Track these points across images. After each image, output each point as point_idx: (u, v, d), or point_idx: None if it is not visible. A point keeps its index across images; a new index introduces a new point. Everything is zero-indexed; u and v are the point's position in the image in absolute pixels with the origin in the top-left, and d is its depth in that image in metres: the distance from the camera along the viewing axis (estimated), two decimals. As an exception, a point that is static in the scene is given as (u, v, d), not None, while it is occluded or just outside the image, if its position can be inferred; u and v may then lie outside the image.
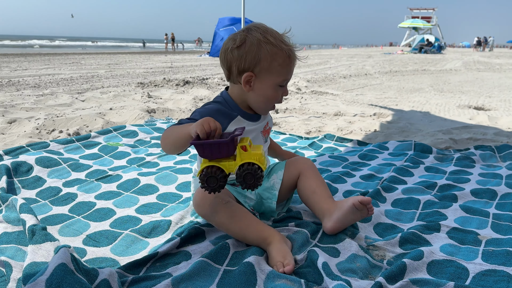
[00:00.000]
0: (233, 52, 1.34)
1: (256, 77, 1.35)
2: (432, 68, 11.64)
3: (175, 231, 1.43)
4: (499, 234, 1.43)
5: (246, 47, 1.32)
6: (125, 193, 1.77)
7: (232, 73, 1.37)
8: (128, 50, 26.94)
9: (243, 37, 1.33)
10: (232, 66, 1.36)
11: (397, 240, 1.34)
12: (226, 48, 1.37)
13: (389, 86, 6.97)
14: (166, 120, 3.20)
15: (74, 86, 6.05)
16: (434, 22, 51.08)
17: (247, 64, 1.33)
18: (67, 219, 1.53)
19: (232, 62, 1.35)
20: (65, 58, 14.09)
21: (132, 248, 1.33)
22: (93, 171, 2.02)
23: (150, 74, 8.51)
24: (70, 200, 1.69)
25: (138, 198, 1.72)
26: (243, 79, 1.35)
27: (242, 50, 1.33)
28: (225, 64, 1.39)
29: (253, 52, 1.32)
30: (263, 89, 1.37)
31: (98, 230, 1.44)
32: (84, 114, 3.33)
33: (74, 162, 2.09)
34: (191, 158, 2.32)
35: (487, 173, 2.06)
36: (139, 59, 14.84)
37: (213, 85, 6.31)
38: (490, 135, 2.96)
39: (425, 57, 20.33)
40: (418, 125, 3.42)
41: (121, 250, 1.32)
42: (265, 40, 1.32)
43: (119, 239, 1.37)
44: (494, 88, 6.72)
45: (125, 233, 1.41)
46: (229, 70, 1.38)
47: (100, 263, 1.24)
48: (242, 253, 1.25)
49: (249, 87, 1.36)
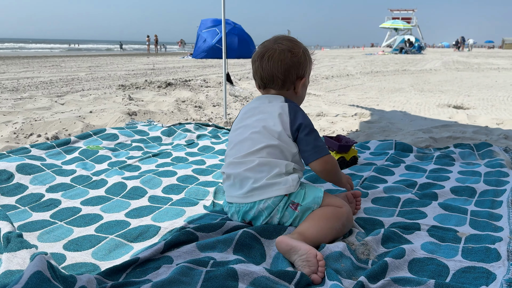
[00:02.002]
0: (292, 60, 1.50)
1: (305, 80, 1.57)
2: (413, 68, 11.81)
3: (163, 236, 1.41)
4: (477, 230, 1.45)
5: (303, 56, 1.53)
6: (115, 198, 1.75)
7: (287, 79, 1.52)
8: (110, 52, 26.62)
9: (299, 48, 1.52)
10: (291, 73, 1.51)
11: (379, 237, 1.35)
12: (283, 57, 1.49)
13: (371, 86, 7.04)
14: (148, 123, 3.16)
15: (53, 89, 5.94)
16: (414, 23, 51.91)
17: (302, 71, 1.53)
18: (48, 225, 1.49)
19: (291, 69, 1.50)
20: (44, 61, 13.83)
21: (115, 253, 1.31)
22: (77, 177, 1.98)
23: (131, 76, 8.41)
24: (52, 206, 1.65)
25: (129, 203, 1.70)
26: (300, 85, 1.54)
27: (301, 59, 1.52)
28: (282, 72, 1.50)
29: (307, 61, 1.54)
30: (304, 91, 1.61)
31: (82, 235, 1.41)
32: (63, 117, 3.27)
33: (58, 168, 2.05)
34: (172, 161, 2.30)
35: (466, 171, 2.09)
36: (120, 61, 14.67)
37: (195, 87, 6.27)
38: (469, 133, 3.02)
39: (405, 57, 20.63)
40: (398, 124, 3.46)
41: (103, 254, 1.29)
42: (306, 50, 1.56)
43: (102, 243, 1.35)
44: (472, 87, 6.85)
45: (109, 237, 1.38)
46: (285, 76, 1.51)
47: (79, 269, 1.21)
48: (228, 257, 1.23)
49: (299, 91, 1.56)
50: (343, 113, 4.03)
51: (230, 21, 19.08)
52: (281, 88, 1.53)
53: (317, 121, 3.61)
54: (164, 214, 1.59)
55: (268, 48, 1.51)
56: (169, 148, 2.57)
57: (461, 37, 38.38)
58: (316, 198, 1.41)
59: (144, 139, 2.72)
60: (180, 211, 1.62)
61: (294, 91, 1.54)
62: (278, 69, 1.49)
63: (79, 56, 18.38)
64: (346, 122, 3.50)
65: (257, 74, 1.54)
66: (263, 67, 1.50)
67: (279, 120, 1.45)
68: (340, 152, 2.19)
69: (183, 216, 1.57)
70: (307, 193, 1.42)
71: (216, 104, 4.64)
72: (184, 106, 4.38)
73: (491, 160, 2.24)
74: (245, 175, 1.41)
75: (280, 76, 1.50)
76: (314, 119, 3.70)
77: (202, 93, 5.53)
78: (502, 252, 1.26)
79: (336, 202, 1.43)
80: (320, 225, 1.34)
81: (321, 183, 1.94)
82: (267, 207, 1.38)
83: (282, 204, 1.39)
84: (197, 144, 2.68)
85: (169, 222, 1.51)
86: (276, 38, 1.55)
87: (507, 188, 1.80)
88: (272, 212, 1.39)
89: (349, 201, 1.57)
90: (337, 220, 1.36)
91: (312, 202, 1.40)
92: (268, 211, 1.39)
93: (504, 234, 1.40)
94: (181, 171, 2.08)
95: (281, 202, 1.39)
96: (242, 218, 1.44)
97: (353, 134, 3.05)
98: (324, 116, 3.85)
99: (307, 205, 1.40)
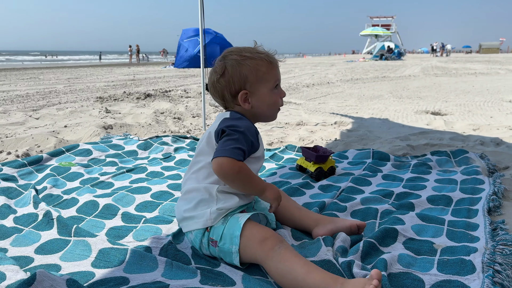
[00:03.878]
0: (220, 82, 1.40)
1: (250, 92, 1.39)
2: (392, 75, 11.97)
3: None
4: (453, 241, 1.44)
5: (229, 71, 1.38)
6: (87, 218, 1.69)
7: (227, 100, 1.42)
8: (90, 63, 26.34)
9: (223, 65, 1.39)
10: (224, 94, 1.41)
11: (359, 255, 1.32)
12: (212, 81, 1.42)
13: (350, 94, 7.09)
14: (124, 136, 3.10)
15: (29, 103, 5.81)
16: (393, 30, 52.88)
17: (236, 85, 1.38)
18: (12, 253, 1.42)
19: (223, 90, 1.40)
20: (22, 74, 13.58)
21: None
22: (47, 195, 1.92)
23: (111, 87, 8.30)
24: (17, 231, 1.58)
25: (103, 223, 1.64)
26: (240, 99, 1.39)
27: (227, 76, 1.38)
28: (217, 95, 1.43)
29: (237, 73, 1.37)
30: (261, 99, 1.41)
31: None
32: (36, 133, 3.18)
33: (32, 187, 1.99)
34: (147, 176, 2.24)
35: (443, 179, 2.09)
36: (100, 72, 14.51)
37: (175, 97, 6.22)
38: (446, 140, 3.04)
39: (385, 64, 20.93)
40: (377, 132, 3.47)
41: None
42: (242, 58, 1.38)
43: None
44: (450, 92, 6.96)
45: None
46: (224, 99, 1.43)
47: None
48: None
49: (248, 104, 1.40)
50: (323, 122, 4.02)
51: (212, 30, 19.08)
52: (227, 108, 1.46)
53: (297, 130, 3.60)
54: (142, 233, 1.55)
55: (210, 71, 1.45)
56: (145, 163, 2.51)
57: (441, 43, 39.15)
58: (233, 239, 1.26)
59: (119, 154, 2.66)
60: (156, 229, 1.57)
61: (243, 105, 1.40)
62: (212, 93, 1.45)
63: (58, 68, 18.12)
64: (326, 131, 3.50)
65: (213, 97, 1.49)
66: (210, 91, 1.47)
67: (215, 132, 1.35)
68: (317, 163, 2.17)
69: (163, 235, 1.52)
70: (225, 231, 1.29)
71: (196, 115, 4.59)
72: (163, 117, 4.33)
73: (467, 167, 2.25)
74: (179, 203, 1.43)
75: (219, 100, 1.45)
76: (294, 128, 3.68)
77: (181, 104, 5.47)
78: (477, 264, 1.25)
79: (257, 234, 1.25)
80: None
81: (298, 196, 1.91)
82: (193, 239, 1.36)
83: (205, 239, 1.32)
84: (174, 158, 2.62)
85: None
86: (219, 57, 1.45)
87: (482, 196, 1.80)
88: (200, 245, 1.34)
89: (353, 231, 1.46)
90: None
91: (229, 243, 1.27)
92: (196, 244, 1.36)
93: (480, 245, 1.39)
94: (155, 187, 2.03)
95: (204, 237, 1.32)
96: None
97: (332, 143, 3.04)
98: (304, 125, 3.84)
99: (225, 249, 1.28)
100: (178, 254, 1.37)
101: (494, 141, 2.98)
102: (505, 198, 1.87)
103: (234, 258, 1.27)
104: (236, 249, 1.26)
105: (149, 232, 1.55)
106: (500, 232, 1.47)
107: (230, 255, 1.28)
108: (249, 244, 1.24)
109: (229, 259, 1.29)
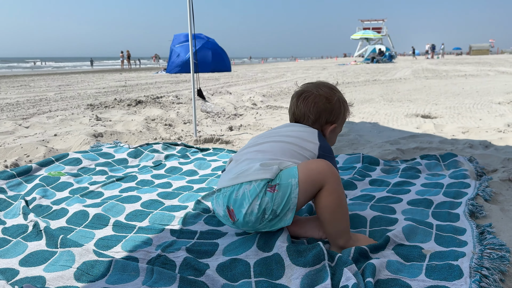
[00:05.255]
0: (325, 105, 1.62)
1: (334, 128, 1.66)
2: (383, 78, 12.05)
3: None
4: (442, 246, 1.45)
5: (335, 104, 1.63)
6: (77, 228, 1.68)
7: (320, 121, 1.63)
8: (81, 69, 26.23)
9: (334, 95, 1.64)
10: (321, 116, 1.62)
11: (350, 257, 1.33)
12: (318, 101, 1.62)
13: (342, 97, 7.12)
14: (114, 144, 3.08)
15: (19, 111, 5.77)
16: (384, 33, 53.29)
17: (335, 117, 1.64)
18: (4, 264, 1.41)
19: (322, 113, 1.62)
20: (13, 81, 13.51)
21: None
22: (36, 206, 1.90)
23: (102, 94, 8.27)
24: (5, 242, 1.56)
25: (93, 233, 1.63)
26: (330, 128, 1.64)
27: (332, 106, 1.62)
28: (314, 113, 1.62)
29: (339, 110, 1.65)
30: (333, 137, 1.70)
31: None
32: (25, 142, 3.16)
33: (21, 197, 1.97)
34: (137, 185, 2.23)
35: (430, 183, 2.11)
36: (92, 78, 14.46)
37: (167, 103, 6.20)
38: (435, 144, 3.06)
39: (377, 66, 21.07)
40: (367, 136, 3.49)
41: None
42: (343, 100, 1.67)
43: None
44: (440, 95, 7.01)
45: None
46: (318, 118, 1.63)
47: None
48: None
49: (327, 134, 1.65)
50: (314, 127, 4.04)
51: (203, 35, 19.11)
52: (312, 123, 1.64)
53: (287, 135, 3.61)
54: (131, 243, 1.54)
55: (307, 90, 1.65)
56: (135, 171, 2.50)
57: (431, 45, 39.38)
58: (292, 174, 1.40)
59: (109, 162, 2.64)
60: (147, 239, 1.56)
61: (322, 133, 1.63)
62: (311, 110, 1.62)
63: (49, 75, 18.03)
64: (316, 136, 3.51)
65: (291, 110, 1.69)
66: (297, 104, 1.65)
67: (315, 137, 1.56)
68: None
69: (152, 246, 1.52)
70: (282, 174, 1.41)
71: (187, 121, 4.59)
72: (154, 124, 4.32)
73: (456, 170, 2.27)
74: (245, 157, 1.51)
75: (311, 116, 1.62)
76: (285, 134, 3.69)
77: (173, 110, 5.47)
78: (464, 269, 1.26)
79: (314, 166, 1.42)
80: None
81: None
82: (251, 190, 1.38)
83: (264, 189, 1.38)
84: (164, 165, 2.62)
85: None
86: (318, 83, 1.69)
87: (463, 201, 1.82)
88: (254, 198, 1.38)
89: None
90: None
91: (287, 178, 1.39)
92: (251, 195, 1.38)
93: (468, 249, 1.39)
94: (145, 196, 2.03)
95: (263, 188, 1.38)
96: (227, 205, 1.44)
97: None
98: (294, 130, 3.85)
99: (284, 184, 1.38)
100: (166, 266, 1.36)
101: (483, 143, 3.01)
102: (493, 201, 1.88)
103: (293, 191, 1.37)
104: (296, 182, 1.37)
105: (139, 242, 1.55)
106: (488, 236, 1.48)
107: (289, 189, 1.37)
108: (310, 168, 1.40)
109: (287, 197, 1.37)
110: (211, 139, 3.43)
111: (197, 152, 2.97)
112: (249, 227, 1.45)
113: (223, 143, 3.36)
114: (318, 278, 1.23)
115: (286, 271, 1.29)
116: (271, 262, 1.34)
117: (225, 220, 1.51)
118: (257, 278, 1.27)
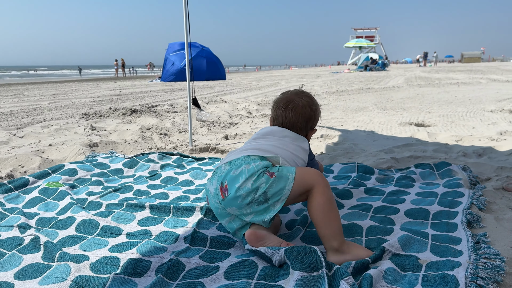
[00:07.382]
0: (310, 114, 1.79)
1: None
2: (376, 86, 12.13)
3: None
4: (438, 256, 1.46)
5: (316, 111, 1.83)
6: (88, 236, 1.68)
7: (306, 128, 1.81)
8: (75, 78, 26.16)
9: (315, 104, 1.82)
10: (308, 124, 1.80)
11: (350, 271, 1.33)
12: (305, 111, 1.79)
13: (336, 106, 7.17)
14: (109, 154, 3.08)
15: (13, 121, 5.74)
16: (377, 41, 53.78)
17: (316, 123, 1.83)
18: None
19: (308, 122, 1.80)
20: (7, 90, 13.44)
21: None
22: (42, 218, 1.90)
23: (96, 103, 8.26)
24: (0, 255, 1.56)
25: (107, 241, 1.64)
26: (311, 133, 1.85)
27: (314, 113, 1.81)
28: (302, 122, 1.79)
29: (319, 116, 1.84)
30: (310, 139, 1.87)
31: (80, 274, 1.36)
32: (19, 153, 3.14)
33: (20, 210, 1.96)
34: (134, 195, 2.23)
35: (424, 192, 2.12)
36: (86, 87, 14.43)
37: (162, 112, 6.21)
38: (429, 152, 3.09)
39: (370, 74, 21.21)
40: (362, 145, 3.51)
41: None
42: (318, 105, 1.85)
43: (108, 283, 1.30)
44: (433, 103, 7.08)
45: (109, 276, 1.31)
46: (305, 126, 1.80)
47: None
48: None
49: (309, 138, 1.86)
50: (309, 135, 4.06)
51: (198, 44, 19.17)
52: (298, 130, 1.79)
53: (283, 144, 3.62)
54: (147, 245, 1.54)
55: (291, 100, 1.78)
56: (131, 181, 2.50)
57: (424, 53, 39.72)
58: (290, 169, 1.53)
59: (104, 173, 2.64)
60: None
61: (306, 137, 1.82)
62: (299, 120, 1.78)
63: (43, 83, 17.97)
64: (312, 145, 3.52)
65: (279, 119, 1.81)
66: (286, 115, 1.78)
67: (306, 144, 1.79)
68: None
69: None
70: (281, 168, 1.54)
71: (183, 130, 4.60)
72: (149, 134, 4.32)
73: (450, 179, 2.29)
74: (242, 154, 1.60)
75: (299, 125, 1.78)
76: (280, 143, 3.70)
77: (168, 119, 5.47)
78: (460, 279, 1.27)
79: (308, 170, 1.55)
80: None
81: (281, 213, 1.92)
82: (250, 169, 1.50)
83: (262, 171, 1.50)
84: (160, 175, 2.62)
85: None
86: (296, 92, 1.84)
87: (459, 210, 1.83)
88: (251, 175, 1.48)
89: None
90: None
91: (286, 171, 1.52)
92: (249, 173, 1.49)
93: (463, 259, 1.40)
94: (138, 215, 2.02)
95: (262, 170, 1.50)
96: (221, 181, 1.53)
97: (319, 157, 3.07)
98: (290, 139, 3.86)
99: (283, 173, 1.51)
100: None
101: (476, 152, 3.04)
102: (487, 210, 1.90)
103: (289, 184, 1.48)
104: (293, 177, 1.49)
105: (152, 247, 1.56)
106: (483, 245, 1.49)
107: (285, 180, 1.49)
108: (305, 171, 1.53)
109: (281, 186, 1.49)
110: (206, 148, 3.43)
111: (193, 162, 2.97)
112: (236, 205, 1.50)
113: (219, 152, 3.37)
114: (314, 285, 1.23)
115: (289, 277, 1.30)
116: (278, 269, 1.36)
117: (213, 200, 1.57)
118: (258, 281, 1.28)
